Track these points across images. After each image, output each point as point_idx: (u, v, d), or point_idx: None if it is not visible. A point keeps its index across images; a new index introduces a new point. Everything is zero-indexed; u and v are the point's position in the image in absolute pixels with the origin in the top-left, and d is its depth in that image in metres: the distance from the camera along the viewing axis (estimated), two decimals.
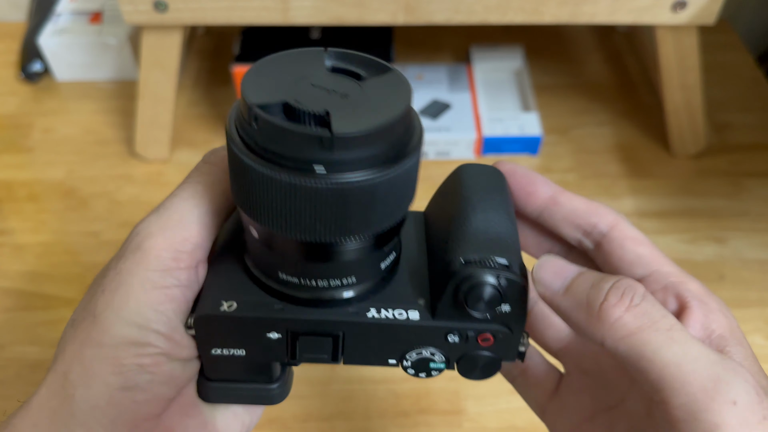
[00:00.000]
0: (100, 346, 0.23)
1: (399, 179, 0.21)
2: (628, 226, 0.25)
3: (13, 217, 0.58)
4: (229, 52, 0.66)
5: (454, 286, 0.23)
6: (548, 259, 0.23)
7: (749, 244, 0.56)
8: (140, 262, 0.23)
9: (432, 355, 0.24)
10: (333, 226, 0.20)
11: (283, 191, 0.20)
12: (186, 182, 0.25)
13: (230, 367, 0.25)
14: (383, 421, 0.45)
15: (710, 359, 0.19)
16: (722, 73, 0.71)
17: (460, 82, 0.68)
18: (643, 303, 0.20)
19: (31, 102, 0.69)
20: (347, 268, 0.23)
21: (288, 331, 0.24)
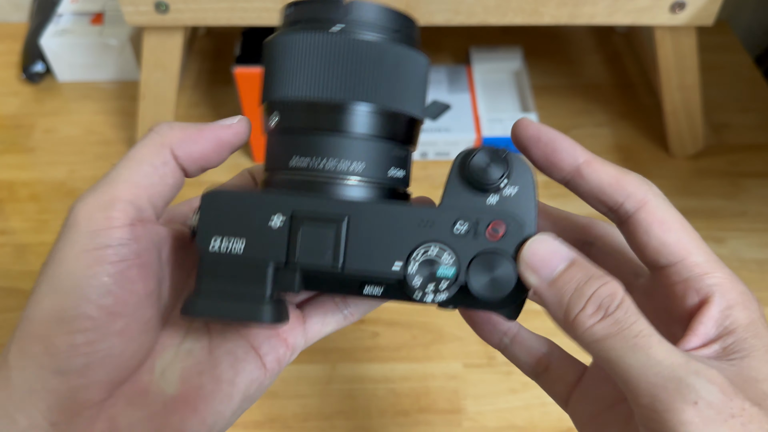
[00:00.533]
0: (31, 321, 0.22)
1: (406, 59, 0.25)
2: (657, 206, 0.24)
3: (15, 217, 0.58)
4: (230, 53, 0.66)
5: (459, 159, 0.24)
6: (540, 241, 0.22)
7: (747, 244, 0.56)
8: (70, 227, 0.22)
9: (439, 258, 0.23)
10: (346, 83, 0.23)
11: (306, 47, 0.23)
12: (126, 152, 0.24)
13: (225, 275, 0.23)
14: (383, 420, 0.46)
15: (674, 363, 0.20)
16: (721, 74, 0.72)
17: (460, 83, 0.68)
18: (617, 311, 0.21)
19: (33, 102, 0.69)
20: (356, 150, 0.24)
21: (291, 218, 0.23)
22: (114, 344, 0.23)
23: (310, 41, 0.24)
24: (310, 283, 0.24)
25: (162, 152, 0.24)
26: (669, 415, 0.19)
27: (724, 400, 0.19)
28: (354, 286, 0.24)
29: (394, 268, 0.23)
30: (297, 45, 0.24)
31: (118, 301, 0.22)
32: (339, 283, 0.24)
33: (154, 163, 0.24)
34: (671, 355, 0.20)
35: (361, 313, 0.29)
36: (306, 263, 0.23)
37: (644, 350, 0.20)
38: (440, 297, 0.23)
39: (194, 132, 0.25)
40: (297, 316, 0.28)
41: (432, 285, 0.23)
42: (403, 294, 0.23)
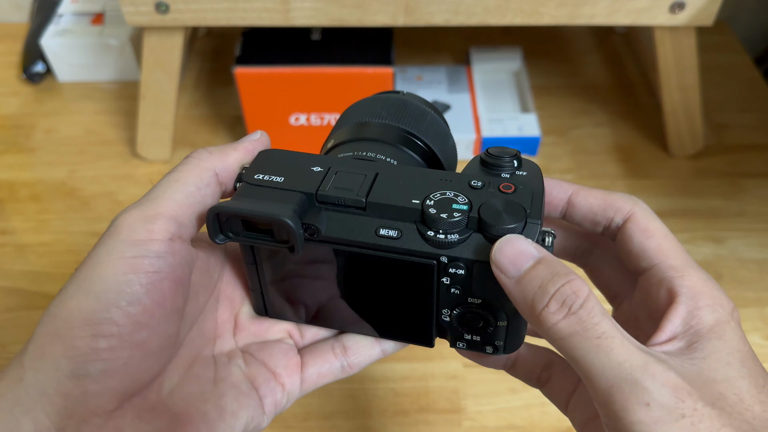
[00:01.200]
0: (54, 319, 0.22)
1: (438, 122, 0.32)
2: (642, 216, 0.26)
3: (15, 217, 0.58)
4: (231, 54, 0.66)
5: (478, 156, 0.27)
6: (507, 242, 0.23)
7: (747, 244, 0.56)
8: (110, 235, 0.23)
9: (455, 197, 0.24)
10: (396, 116, 0.31)
11: (373, 99, 0.33)
12: (165, 175, 0.25)
13: (259, 196, 0.25)
14: (383, 419, 0.46)
15: (632, 365, 0.21)
16: (720, 74, 0.72)
17: (460, 83, 0.68)
18: (580, 311, 0.21)
19: (33, 103, 0.70)
20: (391, 151, 0.29)
21: (329, 168, 0.26)
22: (134, 355, 0.23)
23: (375, 98, 0.32)
24: (330, 226, 0.25)
25: (204, 174, 0.25)
26: (623, 415, 0.20)
27: (676, 401, 0.20)
28: (371, 229, 0.24)
29: (414, 201, 0.24)
30: (365, 101, 0.32)
31: (146, 311, 0.23)
32: (357, 226, 0.25)
33: (197, 184, 0.25)
34: (631, 357, 0.21)
35: (360, 365, 0.29)
36: (334, 195, 0.24)
37: (605, 351, 0.21)
38: (453, 236, 0.24)
39: (231, 152, 0.26)
40: (296, 363, 0.29)
41: (445, 214, 0.23)
42: (416, 240, 0.24)
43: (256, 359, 0.28)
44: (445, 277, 0.25)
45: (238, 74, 0.55)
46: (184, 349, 0.26)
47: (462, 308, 0.26)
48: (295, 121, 0.59)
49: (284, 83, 0.56)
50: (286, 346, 0.29)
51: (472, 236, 0.24)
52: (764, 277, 0.54)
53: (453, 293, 0.25)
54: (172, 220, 0.24)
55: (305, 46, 0.57)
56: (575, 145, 0.65)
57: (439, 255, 0.24)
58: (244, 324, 0.30)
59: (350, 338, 0.29)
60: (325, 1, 0.51)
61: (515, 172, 0.26)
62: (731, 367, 0.22)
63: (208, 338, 0.28)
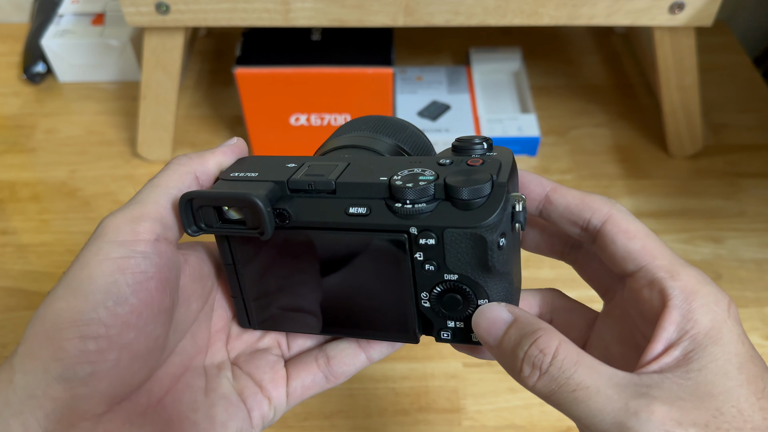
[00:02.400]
0: (43, 320, 0.22)
1: (417, 134, 0.32)
2: (621, 218, 0.25)
3: (16, 218, 0.59)
4: (231, 54, 0.66)
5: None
6: (480, 313, 0.25)
7: (746, 244, 0.56)
8: (96, 237, 0.23)
9: (422, 171, 0.25)
10: (379, 128, 0.31)
11: (353, 122, 0.33)
12: (148, 181, 0.26)
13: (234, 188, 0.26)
14: (383, 419, 0.46)
15: (614, 409, 0.21)
16: (719, 75, 0.72)
17: (460, 83, 0.68)
18: (550, 368, 0.22)
19: (34, 103, 0.70)
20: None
21: (303, 164, 0.27)
22: (122, 356, 0.23)
23: (356, 120, 0.33)
24: (301, 210, 0.25)
25: (186, 178, 0.26)
26: None
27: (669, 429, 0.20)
28: (340, 210, 0.25)
29: (382, 179, 0.25)
30: (347, 125, 0.33)
31: (133, 311, 0.23)
32: (327, 208, 0.25)
33: (180, 188, 0.25)
34: (609, 402, 0.21)
35: (345, 374, 0.29)
36: (304, 180, 0.25)
37: (584, 403, 0.21)
38: (420, 205, 0.24)
39: (209, 156, 0.27)
40: (281, 376, 0.29)
41: (411, 184, 0.24)
42: (385, 215, 0.24)
43: (243, 372, 0.29)
44: (418, 252, 0.24)
45: (238, 74, 0.55)
46: (175, 357, 0.26)
47: (440, 287, 0.25)
48: (295, 121, 0.59)
49: (284, 83, 0.56)
50: (273, 359, 0.29)
51: (440, 204, 0.24)
52: (763, 276, 0.54)
53: (428, 270, 0.25)
54: (157, 222, 0.24)
55: (305, 46, 0.58)
56: (575, 146, 0.65)
57: (408, 226, 0.24)
58: (237, 333, 0.30)
59: (333, 347, 0.29)
60: (325, 2, 0.51)
61: (485, 153, 0.26)
62: (728, 377, 0.21)
63: (201, 347, 0.28)
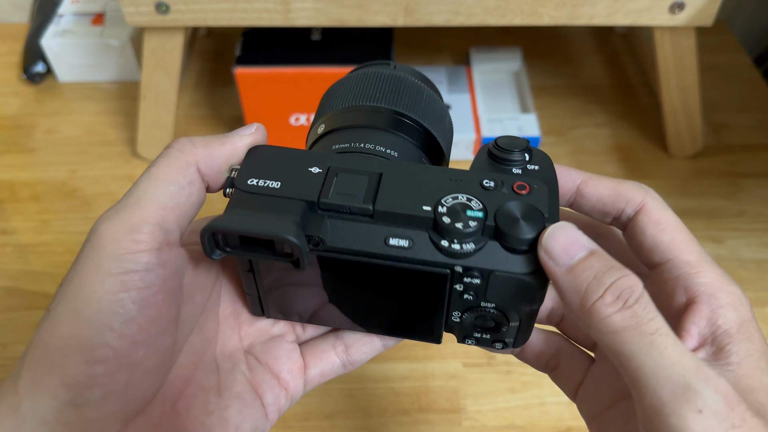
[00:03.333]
0: (47, 347, 0.21)
1: (435, 100, 0.31)
2: (654, 208, 0.24)
3: (16, 218, 0.59)
4: (231, 54, 0.66)
5: (485, 148, 0.26)
6: (560, 228, 0.22)
7: (746, 244, 0.56)
8: (94, 248, 0.21)
9: (468, 201, 0.23)
10: (391, 98, 0.29)
11: (363, 76, 0.30)
12: (146, 169, 0.23)
13: (256, 207, 0.23)
14: (383, 419, 0.46)
15: (687, 366, 0.20)
16: (720, 74, 0.72)
17: (460, 83, 0.68)
18: (635, 305, 0.20)
19: (34, 103, 0.70)
20: (391, 140, 0.27)
21: (329, 168, 0.24)
22: (133, 375, 0.21)
23: (366, 74, 0.30)
24: (336, 235, 0.23)
25: (187, 171, 0.23)
26: (672, 420, 0.19)
27: (727, 410, 0.19)
28: (380, 239, 0.23)
29: (425, 208, 0.23)
30: (355, 77, 0.30)
31: (141, 329, 0.21)
32: (365, 235, 0.23)
33: (180, 183, 0.23)
34: (683, 358, 0.20)
35: (362, 361, 0.29)
36: (337, 203, 0.23)
37: (659, 349, 0.20)
38: (468, 245, 0.22)
39: (218, 147, 0.24)
40: (299, 366, 0.28)
41: (460, 224, 0.22)
42: (429, 250, 0.23)
43: (260, 363, 0.27)
44: (459, 284, 0.23)
45: (238, 74, 0.55)
46: (184, 356, 0.25)
47: (474, 311, 0.25)
48: (295, 121, 0.59)
49: (284, 83, 0.56)
50: (289, 347, 0.28)
51: (488, 245, 0.22)
52: (764, 277, 0.54)
53: (466, 299, 0.24)
54: (157, 227, 0.22)
55: (305, 46, 0.58)
56: (575, 146, 0.65)
57: (453, 265, 0.23)
58: (248, 319, 0.28)
59: (351, 335, 0.29)
60: (325, 1, 0.51)
61: (526, 166, 0.25)
62: (764, 374, 0.21)
63: (210, 339, 0.27)
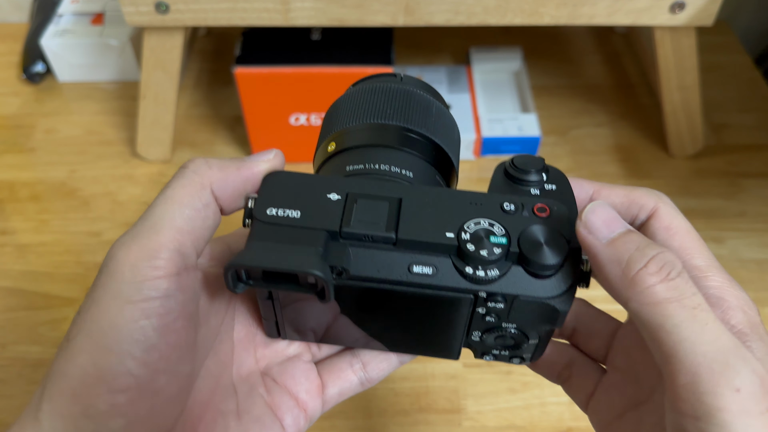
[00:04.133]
0: (67, 378, 0.20)
1: (445, 113, 0.31)
2: (666, 213, 0.25)
3: (15, 217, 0.58)
4: (230, 54, 0.66)
5: (499, 165, 0.26)
6: (601, 205, 0.23)
7: (747, 244, 0.56)
8: (112, 275, 0.21)
9: (491, 226, 0.23)
10: (401, 114, 0.29)
11: (372, 91, 0.30)
12: (161, 190, 0.23)
13: (278, 239, 0.23)
14: (383, 419, 0.46)
15: (726, 344, 0.19)
16: (720, 74, 0.72)
17: (460, 83, 0.68)
18: (678, 279, 0.20)
19: (33, 103, 0.70)
20: (405, 160, 0.27)
21: (348, 194, 0.24)
22: (155, 403, 0.21)
23: (374, 89, 0.30)
24: (359, 264, 0.23)
25: (202, 193, 0.23)
26: (708, 398, 0.19)
27: (764, 392, 0.19)
28: (403, 266, 0.23)
29: (448, 235, 0.23)
30: (363, 91, 0.30)
31: (162, 356, 0.21)
32: (388, 263, 0.23)
33: (195, 206, 0.23)
34: (723, 336, 0.19)
35: (379, 378, 0.29)
36: (360, 232, 0.23)
37: (701, 324, 0.19)
38: (492, 272, 0.22)
39: (233, 171, 0.24)
40: (317, 386, 0.28)
41: (485, 251, 0.22)
42: (453, 276, 0.23)
43: (278, 384, 0.27)
44: (482, 307, 0.24)
45: (238, 74, 0.55)
46: (201, 381, 0.25)
47: (495, 332, 0.25)
48: (295, 121, 0.59)
49: (284, 83, 0.56)
50: (306, 366, 0.28)
51: (512, 270, 0.23)
52: (764, 277, 0.54)
53: (488, 321, 0.24)
54: (176, 252, 0.22)
55: (305, 46, 0.57)
56: (575, 145, 0.65)
57: (477, 290, 0.23)
58: (263, 341, 0.28)
59: (367, 352, 0.29)
60: (325, 1, 0.51)
61: (544, 186, 0.25)
62: None
63: (226, 363, 0.26)
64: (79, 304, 0.52)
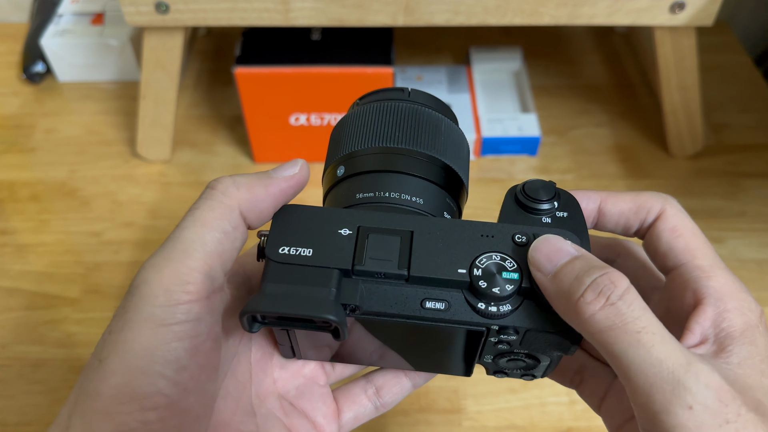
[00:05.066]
0: (100, 396, 0.21)
1: (455, 131, 0.30)
2: (672, 215, 0.25)
3: (15, 218, 0.58)
4: (231, 54, 0.66)
5: (512, 189, 0.26)
6: (544, 240, 0.23)
7: (747, 244, 0.56)
8: (145, 298, 0.21)
9: (503, 261, 0.23)
10: (410, 136, 0.28)
11: (379, 112, 0.29)
12: (189, 211, 0.23)
13: (291, 280, 0.23)
14: (383, 419, 0.46)
15: (676, 363, 0.20)
16: (720, 74, 0.72)
17: (460, 83, 0.68)
18: (619, 302, 0.20)
19: (34, 103, 0.70)
20: (415, 187, 0.27)
21: (359, 229, 0.24)
22: (183, 421, 0.22)
23: (382, 108, 0.29)
24: (372, 301, 0.23)
25: (231, 216, 0.23)
26: (663, 417, 0.19)
27: (720, 405, 0.19)
28: (416, 302, 0.23)
29: (460, 271, 0.23)
30: (370, 111, 0.29)
31: (192, 376, 0.22)
32: (401, 299, 0.23)
33: (225, 229, 0.23)
34: (673, 355, 0.20)
35: (393, 403, 0.29)
36: (372, 269, 0.23)
37: (646, 347, 0.20)
38: (504, 308, 0.23)
39: (261, 190, 0.24)
40: (333, 411, 0.28)
41: (497, 288, 0.23)
42: (465, 311, 0.23)
43: (296, 408, 0.27)
44: (494, 337, 0.24)
45: (238, 74, 0.55)
46: (221, 401, 0.25)
47: (507, 356, 0.25)
48: (295, 121, 0.59)
49: (284, 83, 0.56)
50: (322, 391, 0.28)
51: (524, 304, 0.23)
52: (764, 277, 0.54)
53: (499, 348, 0.25)
54: (206, 276, 0.22)
55: (305, 46, 0.57)
56: (575, 145, 0.65)
57: (489, 324, 0.23)
58: (279, 360, 0.28)
59: (380, 377, 0.29)
60: (325, 1, 0.51)
61: (555, 214, 0.25)
62: (765, 376, 0.21)
63: (244, 383, 0.27)
64: (79, 304, 0.52)
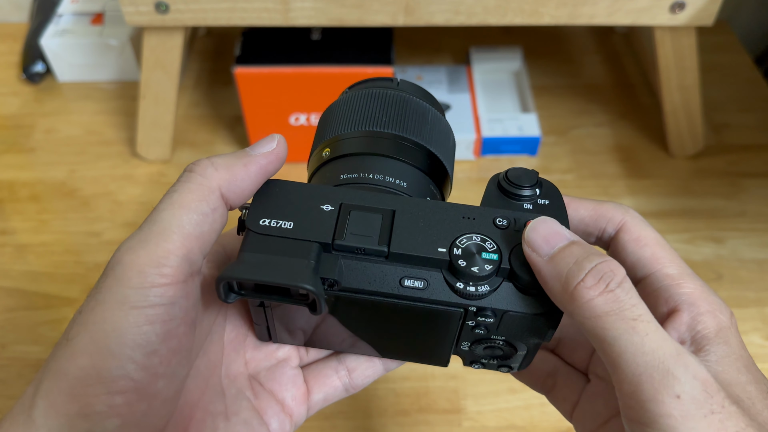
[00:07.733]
0: (66, 377, 0.20)
1: (441, 121, 0.30)
2: (634, 225, 0.25)
3: (15, 217, 0.58)
4: (230, 54, 0.66)
5: (494, 177, 0.26)
6: (542, 221, 0.23)
7: (747, 244, 0.56)
8: (119, 279, 0.21)
9: (483, 242, 0.23)
10: (396, 121, 0.28)
11: (368, 97, 0.30)
12: (167, 194, 0.23)
13: (270, 251, 0.23)
14: (383, 419, 0.46)
15: (667, 353, 0.20)
16: (720, 74, 0.72)
17: (460, 83, 0.68)
18: (617, 290, 0.21)
19: (33, 103, 0.69)
20: (399, 170, 0.27)
21: (341, 205, 0.24)
22: (151, 405, 0.21)
23: (370, 94, 0.30)
24: (350, 276, 0.23)
25: (210, 198, 0.23)
26: (650, 405, 0.19)
27: (706, 396, 0.20)
28: (395, 279, 0.23)
29: (440, 250, 0.23)
30: (359, 96, 0.30)
31: (162, 361, 0.21)
32: (380, 276, 0.23)
33: (203, 211, 0.22)
34: (664, 344, 0.20)
35: (364, 384, 0.29)
36: (352, 245, 0.23)
37: (640, 335, 0.20)
38: (483, 288, 0.23)
39: (240, 170, 0.23)
40: (303, 392, 0.28)
41: (476, 268, 0.22)
42: (444, 290, 0.23)
43: (265, 389, 0.27)
44: (471, 321, 0.24)
45: (238, 74, 0.55)
46: (191, 381, 0.25)
47: (484, 343, 0.25)
48: (295, 121, 0.59)
49: (284, 83, 0.56)
50: (293, 372, 0.28)
51: (503, 286, 0.23)
52: (764, 277, 0.54)
53: (477, 333, 0.24)
54: (184, 259, 0.21)
55: (305, 46, 0.57)
56: (575, 145, 0.65)
57: (467, 305, 0.23)
58: (253, 342, 0.28)
59: (353, 359, 0.29)
60: (325, 1, 0.51)
61: (537, 201, 0.26)
62: (741, 374, 0.21)
63: (215, 363, 0.26)
64: (79, 304, 0.52)
